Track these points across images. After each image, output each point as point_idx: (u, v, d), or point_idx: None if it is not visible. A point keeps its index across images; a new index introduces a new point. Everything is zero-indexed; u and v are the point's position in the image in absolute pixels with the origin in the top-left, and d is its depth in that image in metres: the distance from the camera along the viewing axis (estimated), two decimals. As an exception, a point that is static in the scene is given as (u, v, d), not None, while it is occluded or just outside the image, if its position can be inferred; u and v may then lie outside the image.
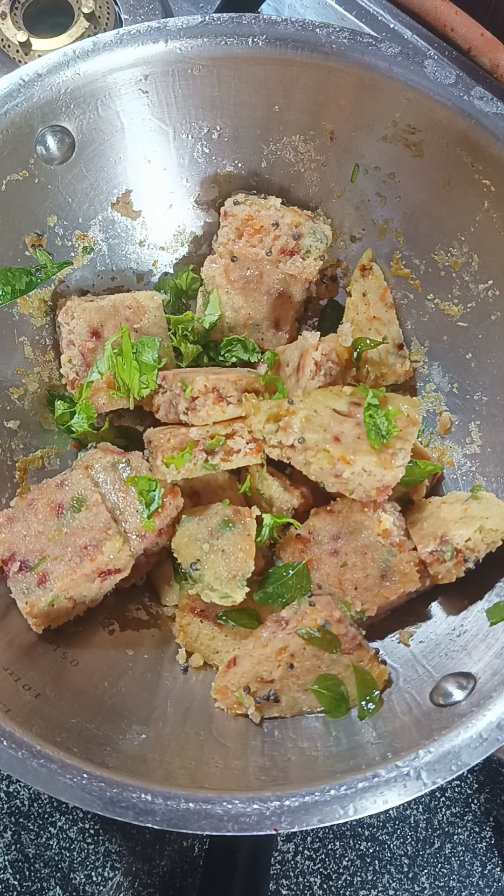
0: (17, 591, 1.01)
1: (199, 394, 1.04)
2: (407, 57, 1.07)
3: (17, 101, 1.05)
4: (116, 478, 1.05)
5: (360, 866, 1.26)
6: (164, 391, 1.10)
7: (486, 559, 1.01)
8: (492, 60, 1.24)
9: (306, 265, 1.17)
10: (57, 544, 1.02)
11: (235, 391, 1.06)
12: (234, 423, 1.06)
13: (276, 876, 1.25)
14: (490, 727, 0.82)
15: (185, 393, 1.05)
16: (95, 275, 1.20)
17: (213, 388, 1.05)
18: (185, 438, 1.05)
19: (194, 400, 1.05)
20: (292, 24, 1.08)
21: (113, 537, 1.01)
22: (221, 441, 1.04)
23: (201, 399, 1.05)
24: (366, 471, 0.98)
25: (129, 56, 1.08)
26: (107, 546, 1.01)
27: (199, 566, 1.03)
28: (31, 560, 1.01)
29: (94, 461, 1.06)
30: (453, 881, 1.25)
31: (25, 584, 1.01)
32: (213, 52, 1.09)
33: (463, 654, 0.96)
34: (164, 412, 1.11)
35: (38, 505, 1.04)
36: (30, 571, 1.00)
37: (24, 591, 1.00)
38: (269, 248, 1.15)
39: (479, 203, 1.07)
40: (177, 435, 1.06)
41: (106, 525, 1.02)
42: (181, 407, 1.06)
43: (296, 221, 1.15)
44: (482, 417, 1.13)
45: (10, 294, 1.10)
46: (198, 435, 1.04)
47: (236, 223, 1.15)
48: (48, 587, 1.00)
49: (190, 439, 1.04)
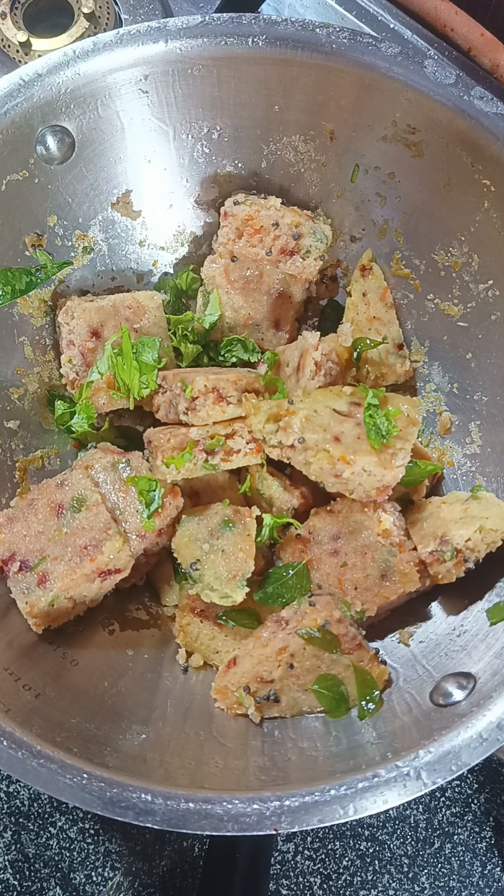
0: (17, 591, 1.01)
1: (199, 394, 1.04)
2: (407, 57, 1.07)
3: (17, 100, 1.05)
4: (116, 478, 1.05)
5: (360, 866, 1.26)
6: (163, 391, 1.10)
7: (487, 559, 1.01)
8: (492, 60, 1.24)
9: (306, 265, 1.17)
10: (57, 544, 1.02)
11: (235, 391, 1.06)
12: (234, 423, 1.06)
13: (276, 876, 1.25)
14: (490, 727, 0.82)
15: (185, 393, 1.05)
16: (95, 275, 1.20)
17: (213, 388, 1.05)
18: (185, 438, 1.05)
19: (194, 400, 1.05)
20: (292, 24, 1.08)
21: (113, 537, 1.01)
22: (221, 441, 1.04)
23: (201, 399, 1.05)
24: (366, 471, 0.98)
25: (129, 56, 1.08)
26: (107, 546, 1.01)
27: (198, 566, 1.03)
28: (31, 560, 1.01)
29: (94, 461, 1.06)
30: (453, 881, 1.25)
31: (25, 584, 1.01)
32: (213, 52, 1.09)
33: (463, 654, 0.96)
34: (164, 412, 1.11)
35: (38, 505, 1.04)
36: (30, 571, 1.01)
37: (24, 591, 1.00)
38: (269, 248, 1.15)
39: (479, 203, 1.07)
40: (177, 435, 1.05)
41: (106, 525, 1.02)
42: (181, 407, 1.06)
43: (296, 221, 1.15)
44: (482, 417, 1.13)
45: (10, 294, 1.10)
46: (198, 435, 1.04)
47: (236, 223, 1.15)
48: (48, 587, 1.00)
49: (190, 439, 1.04)
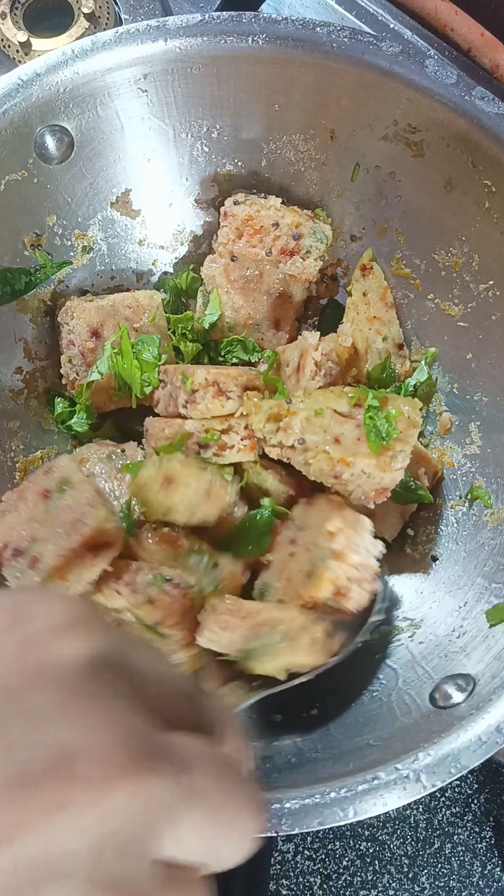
0: (10, 575, 1.00)
1: (200, 386, 1.04)
2: (408, 56, 1.06)
3: (16, 100, 1.05)
4: (112, 467, 1.05)
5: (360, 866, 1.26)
6: (164, 385, 1.10)
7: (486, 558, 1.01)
8: (492, 60, 1.23)
9: (307, 265, 1.16)
10: (45, 526, 1.01)
11: (236, 387, 1.06)
12: (231, 418, 1.06)
13: (276, 876, 1.25)
14: (489, 730, 0.82)
15: (185, 385, 1.04)
16: (95, 274, 1.20)
17: (214, 382, 1.05)
18: (179, 429, 1.04)
19: (194, 392, 1.04)
20: (292, 23, 1.08)
21: (97, 507, 0.99)
22: (216, 436, 1.04)
23: (201, 392, 1.04)
24: (365, 473, 0.98)
25: (128, 55, 1.08)
26: (91, 516, 0.98)
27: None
28: (23, 546, 1.00)
29: (90, 454, 1.06)
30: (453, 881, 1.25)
31: (18, 568, 1.00)
32: (213, 50, 1.09)
33: (462, 656, 0.95)
34: (163, 406, 1.11)
35: (27, 494, 1.03)
36: (22, 556, 1.00)
37: (16, 576, 1.00)
38: (269, 248, 1.15)
39: (480, 203, 1.07)
40: (172, 426, 1.06)
41: (90, 500, 1.00)
42: (181, 399, 1.06)
43: (296, 221, 1.14)
44: (482, 418, 1.13)
45: (10, 294, 1.10)
46: (193, 428, 1.04)
47: (236, 223, 1.15)
48: (39, 567, 0.99)
49: (185, 431, 1.04)
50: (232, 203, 1.15)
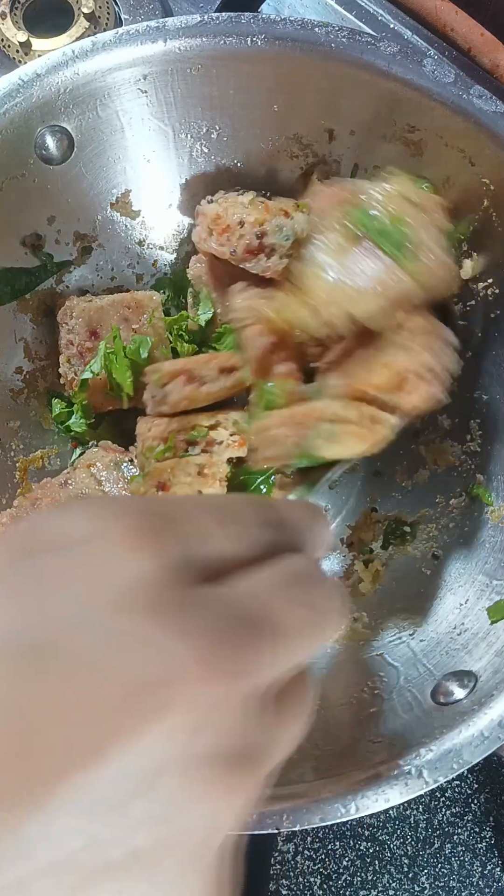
0: None
1: (168, 378, 1.04)
2: (406, 56, 1.07)
3: (16, 101, 1.05)
4: (119, 476, 1.05)
5: (360, 866, 1.26)
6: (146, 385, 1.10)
7: (487, 555, 1.01)
8: (492, 60, 1.24)
9: (270, 264, 1.13)
10: None
11: (210, 370, 1.05)
12: (219, 414, 1.05)
13: (276, 876, 1.25)
14: (491, 725, 0.82)
15: (154, 381, 1.04)
16: (95, 275, 1.21)
17: (182, 371, 1.04)
18: (165, 428, 1.04)
19: (164, 387, 1.04)
20: (291, 24, 1.09)
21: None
22: (204, 432, 1.03)
23: (171, 385, 1.04)
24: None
25: (127, 56, 1.08)
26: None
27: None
28: None
29: (96, 459, 1.06)
30: (453, 881, 1.25)
31: None
32: (213, 51, 1.09)
33: (464, 653, 0.96)
34: (150, 407, 1.10)
35: (41, 504, 1.03)
36: None
37: None
38: (234, 247, 1.12)
39: (479, 201, 1.08)
40: (160, 425, 1.05)
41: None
42: (157, 396, 1.06)
43: (260, 219, 1.10)
44: (482, 416, 1.13)
45: (10, 294, 1.10)
46: (178, 425, 1.04)
47: (206, 222, 1.13)
48: None
49: (171, 430, 1.03)
50: (206, 202, 1.14)
